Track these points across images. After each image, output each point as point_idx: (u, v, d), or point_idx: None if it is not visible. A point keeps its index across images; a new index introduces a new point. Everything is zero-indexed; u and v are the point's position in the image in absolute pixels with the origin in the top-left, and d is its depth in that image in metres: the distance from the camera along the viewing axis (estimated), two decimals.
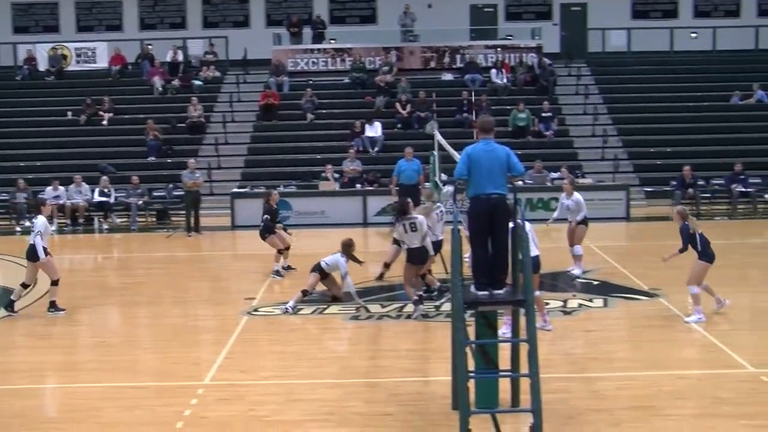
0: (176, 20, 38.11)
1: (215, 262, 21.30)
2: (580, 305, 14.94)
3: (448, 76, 33.82)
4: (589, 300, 15.31)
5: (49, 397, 11.31)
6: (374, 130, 29.72)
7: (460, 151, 9.94)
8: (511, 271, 9.67)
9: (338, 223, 24.21)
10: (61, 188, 25.65)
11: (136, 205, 26.04)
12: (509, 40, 34.86)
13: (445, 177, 20.70)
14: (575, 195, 17.59)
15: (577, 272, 17.27)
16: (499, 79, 32.54)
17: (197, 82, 33.40)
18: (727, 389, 10.52)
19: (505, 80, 32.57)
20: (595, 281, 16.92)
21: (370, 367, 11.87)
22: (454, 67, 34.19)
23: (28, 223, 25.61)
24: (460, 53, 34.34)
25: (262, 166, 29.66)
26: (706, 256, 13.61)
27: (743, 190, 26.22)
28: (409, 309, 14.41)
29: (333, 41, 35.32)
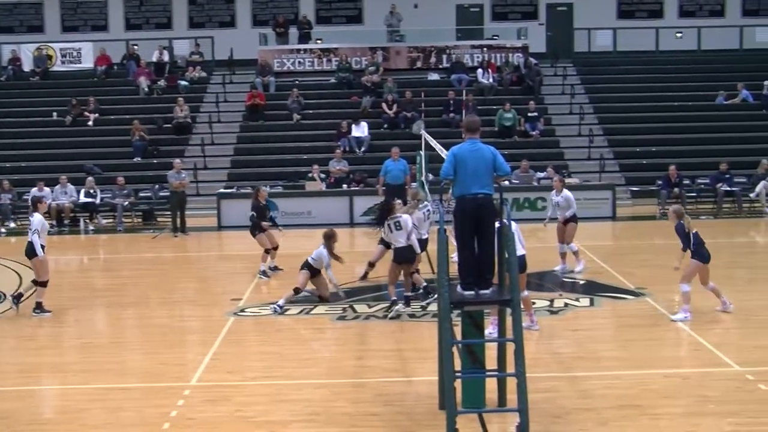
0: (162, 20, 37.99)
1: (201, 263, 21.27)
2: (567, 305, 14.96)
3: (434, 76, 33.86)
4: (576, 299, 15.35)
5: (36, 399, 11.24)
6: (361, 130, 29.69)
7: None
8: (497, 270, 9.68)
9: (325, 223, 23.78)
10: (47, 189, 25.51)
11: (122, 206, 25.92)
12: (495, 40, 34.91)
13: (431, 177, 20.68)
14: (564, 191, 17.65)
15: (579, 268, 17.37)
16: (486, 79, 32.57)
17: (183, 83, 33.32)
18: (713, 388, 10.56)
19: (491, 80, 32.59)
20: (582, 281, 16.97)
21: (356, 367, 11.86)
22: (441, 67, 34.25)
23: (13, 224, 25.68)
24: (447, 53, 34.39)
25: (249, 166, 29.60)
26: (699, 255, 13.63)
27: (728, 189, 26.27)
28: (397, 309, 14.41)
29: (319, 41, 35.28)
